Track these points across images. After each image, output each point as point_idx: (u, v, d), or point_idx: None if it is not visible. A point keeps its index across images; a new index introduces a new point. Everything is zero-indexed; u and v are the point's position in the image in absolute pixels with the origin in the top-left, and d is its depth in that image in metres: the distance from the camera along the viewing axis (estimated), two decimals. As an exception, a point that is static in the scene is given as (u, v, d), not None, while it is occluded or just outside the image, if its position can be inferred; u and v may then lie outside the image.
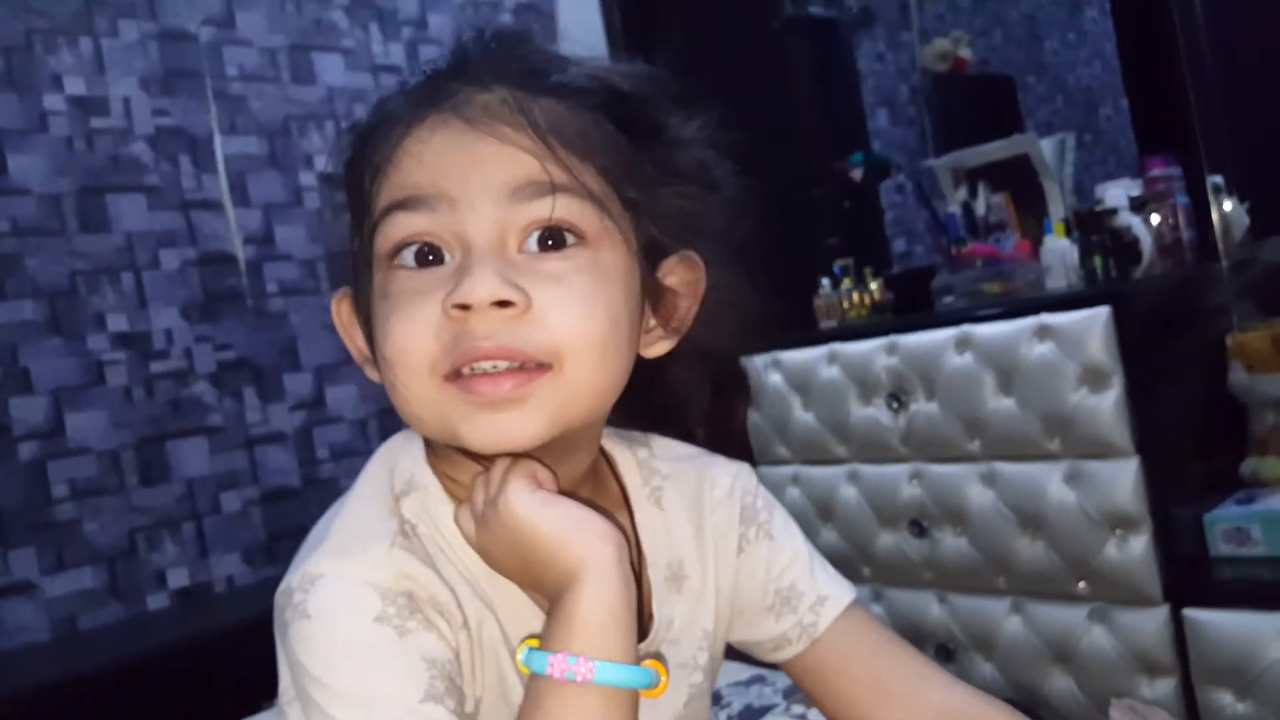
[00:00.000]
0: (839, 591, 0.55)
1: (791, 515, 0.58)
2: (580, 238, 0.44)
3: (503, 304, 0.41)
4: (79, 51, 1.76)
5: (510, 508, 0.43)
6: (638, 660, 0.43)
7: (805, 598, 0.54)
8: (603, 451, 0.53)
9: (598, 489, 0.52)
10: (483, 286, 0.41)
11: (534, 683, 0.42)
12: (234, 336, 1.88)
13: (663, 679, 0.44)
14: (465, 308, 0.41)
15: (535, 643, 0.43)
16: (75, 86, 1.76)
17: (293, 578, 0.44)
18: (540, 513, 0.43)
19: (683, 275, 0.50)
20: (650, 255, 0.48)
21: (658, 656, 0.50)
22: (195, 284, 1.85)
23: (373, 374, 0.49)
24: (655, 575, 0.51)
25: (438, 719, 0.40)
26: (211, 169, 1.89)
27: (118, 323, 1.76)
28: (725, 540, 0.54)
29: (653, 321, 0.49)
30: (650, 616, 0.50)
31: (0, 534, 1.61)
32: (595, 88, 0.46)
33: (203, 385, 1.84)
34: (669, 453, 0.55)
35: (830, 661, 0.53)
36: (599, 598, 0.42)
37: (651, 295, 0.48)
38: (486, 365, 0.42)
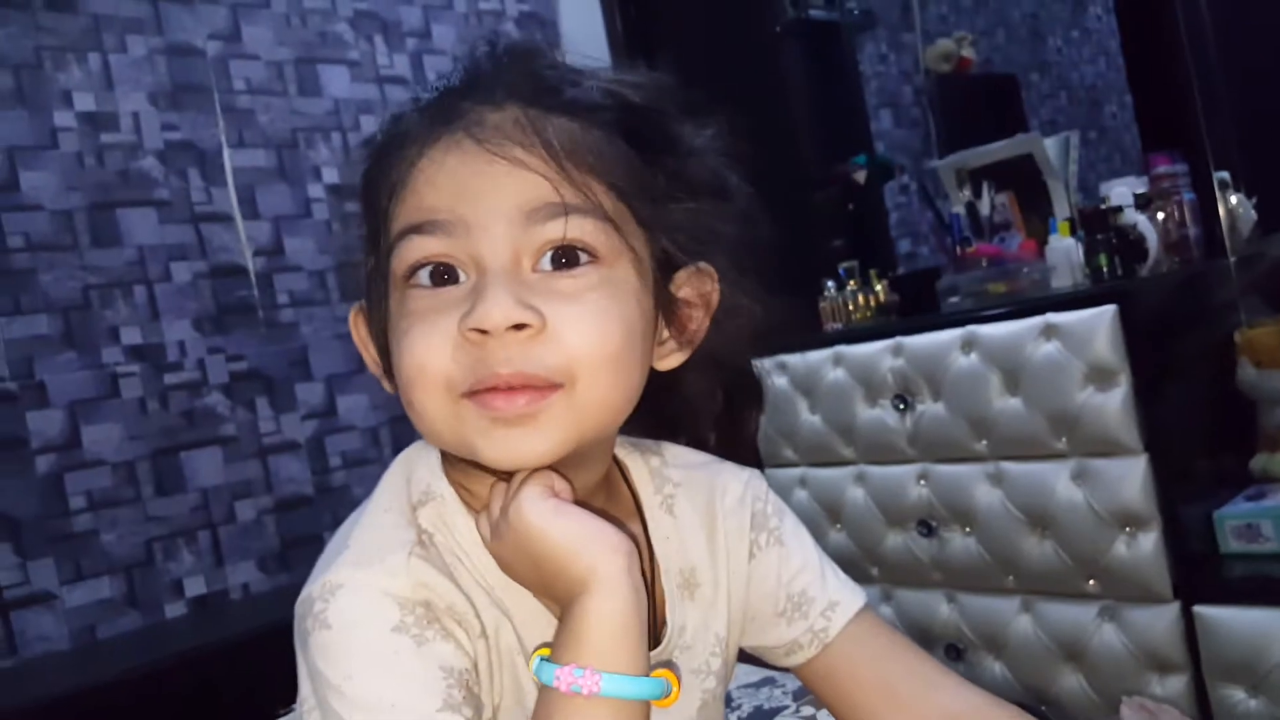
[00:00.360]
0: (850, 597, 0.55)
1: (799, 517, 0.58)
2: (594, 256, 0.44)
3: (518, 326, 0.42)
4: (88, 68, 1.79)
5: (523, 516, 0.44)
6: (648, 671, 0.43)
7: (816, 603, 0.54)
8: (616, 460, 0.54)
9: (611, 498, 0.52)
10: (498, 311, 0.41)
11: (543, 694, 0.43)
12: (246, 347, 1.90)
13: (674, 689, 0.44)
14: (482, 331, 0.42)
15: (547, 651, 0.44)
16: (85, 103, 1.78)
17: (313, 587, 0.44)
18: (552, 522, 0.44)
19: (695, 287, 0.50)
20: (663, 268, 0.48)
21: (670, 665, 0.50)
22: (207, 296, 1.87)
23: (389, 386, 0.49)
24: (668, 583, 0.52)
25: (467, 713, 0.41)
26: (221, 182, 1.91)
27: (131, 335, 1.78)
28: (737, 547, 0.55)
29: (666, 334, 0.49)
30: (663, 624, 0.51)
31: (20, 546, 1.63)
32: (607, 103, 0.46)
33: (216, 396, 1.86)
34: (681, 461, 0.56)
35: (841, 666, 0.54)
36: (608, 609, 0.42)
37: (664, 308, 0.49)
38: (500, 389, 0.43)
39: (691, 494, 0.55)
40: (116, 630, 1.70)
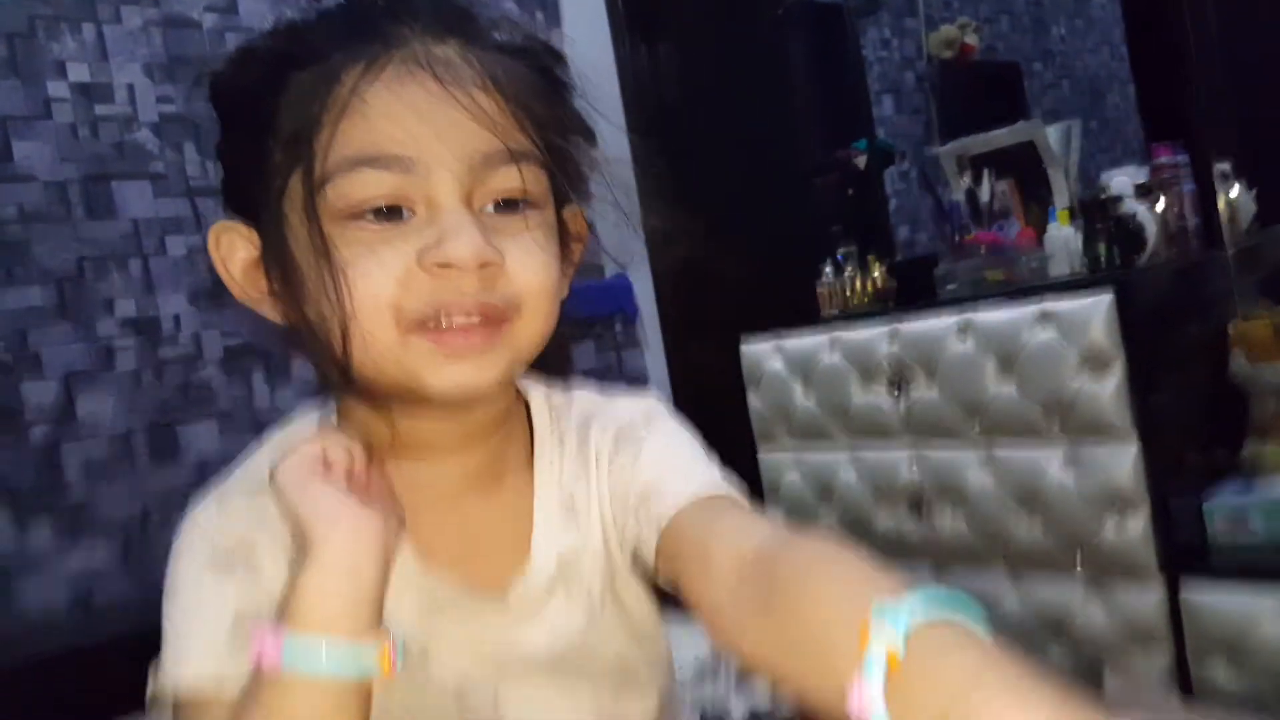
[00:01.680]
0: (702, 483, 0.49)
1: (792, 499, 0.58)
2: (531, 200, 0.47)
3: (483, 264, 0.44)
4: (82, 38, 1.76)
5: (279, 483, 0.46)
6: (359, 638, 0.42)
7: (661, 495, 0.50)
8: (524, 400, 0.56)
9: (510, 431, 0.54)
10: (469, 248, 0.43)
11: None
12: (241, 322, 1.89)
13: (383, 664, 0.42)
14: (448, 266, 0.44)
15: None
16: (79, 73, 1.76)
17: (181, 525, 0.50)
18: (295, 493, 0.45)
19: (575, 224, 0.53)
20: (557, 204, 0.51)
21: (551, 590, 0.52)
22: (202, 270, 1.86)
23: (270, 313, 0.50)
24: (546, 511, 0.53)
25: (243, 659, 0.43)
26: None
27: (126, 308, 1.77)
28: (603, 461, 0.54)
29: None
30: (528, 551, 0.52)
31: (15, 512, 1.63)
32: (528, 45, 0.48)
33: (211, 370, 1.85)
34: (585, 398, 0.58)
35: (681, 547, 0.47)
36: (315, 581, 0.42)
37: (562, 242, 0.51)
38: (460, 319, 0.44)
39: (582, 425, 0.56)
40: (111, 598, 1.70)
